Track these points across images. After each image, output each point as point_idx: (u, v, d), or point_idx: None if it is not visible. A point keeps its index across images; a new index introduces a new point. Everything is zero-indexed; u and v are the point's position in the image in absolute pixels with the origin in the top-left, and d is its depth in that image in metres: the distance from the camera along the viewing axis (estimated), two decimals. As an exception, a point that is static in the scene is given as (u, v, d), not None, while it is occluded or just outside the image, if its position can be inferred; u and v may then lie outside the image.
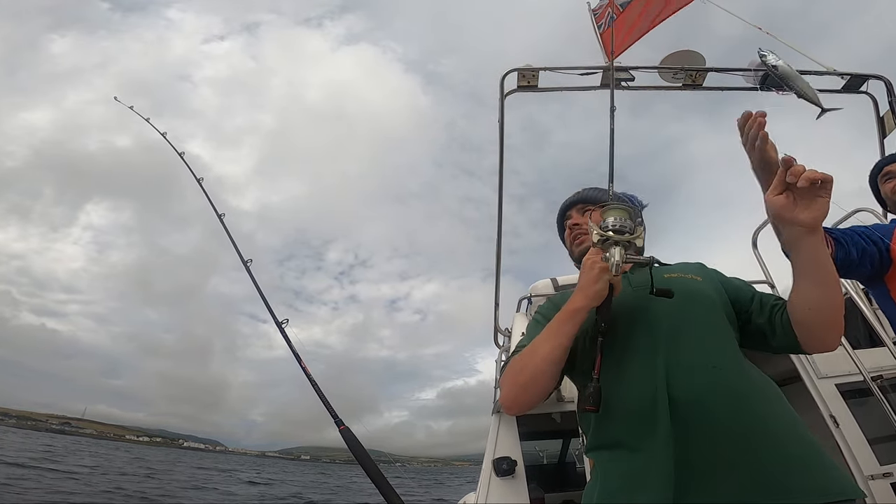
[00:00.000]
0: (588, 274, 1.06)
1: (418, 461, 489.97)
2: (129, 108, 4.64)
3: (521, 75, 3.55)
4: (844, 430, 2.20)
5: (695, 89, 3.73)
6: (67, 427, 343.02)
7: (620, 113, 1.72)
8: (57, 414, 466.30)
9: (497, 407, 3.08)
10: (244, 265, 2.95)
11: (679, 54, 3.77)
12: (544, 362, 1.06)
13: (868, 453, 2.13)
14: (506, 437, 2.93)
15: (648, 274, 1.16)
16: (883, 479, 2.05)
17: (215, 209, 3.38)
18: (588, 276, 1.06)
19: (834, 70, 3.54)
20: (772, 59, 2.68)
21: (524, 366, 1.09)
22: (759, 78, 3.62)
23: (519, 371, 1.11)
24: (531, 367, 1.08)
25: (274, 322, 2.56)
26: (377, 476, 1.82)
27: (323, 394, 2.29)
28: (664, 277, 1.20)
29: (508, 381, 1.14)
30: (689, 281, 1.20)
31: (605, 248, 1.08)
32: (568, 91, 3.71)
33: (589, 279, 1.06)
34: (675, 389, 0.96)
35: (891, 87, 3.43)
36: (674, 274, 1.22)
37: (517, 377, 1.11)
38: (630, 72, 3.67)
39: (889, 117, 3.43)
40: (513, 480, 2.71)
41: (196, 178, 3.70)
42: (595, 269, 1.05)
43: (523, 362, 1.10)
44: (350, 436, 2.06)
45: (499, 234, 3.71)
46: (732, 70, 3.71)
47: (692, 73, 3.67)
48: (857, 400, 2.33)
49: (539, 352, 1.08)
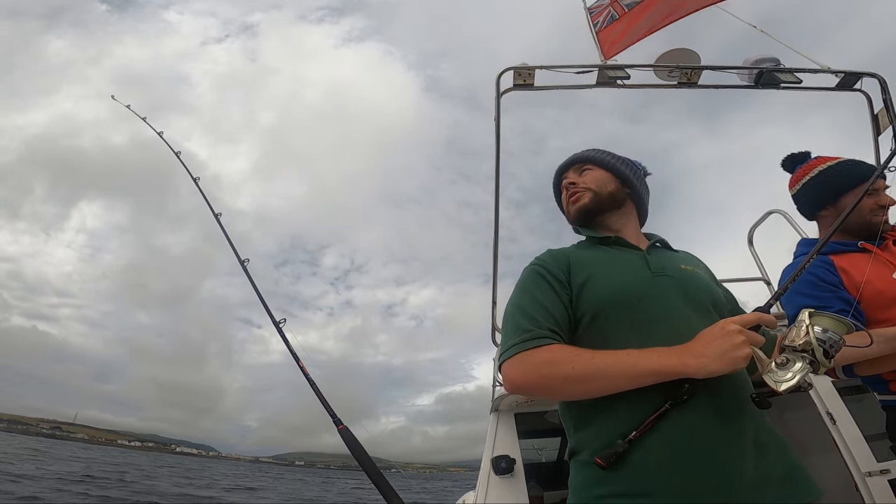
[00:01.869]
0: (726, 341, 0.90)
1: (413, 467, 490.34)
2: (126, 107, 4.60)
3: (516, 74, 3.53)
4: (841, 428, 2.22)
5: (690, 87, 3.73)
6: (58, 431, 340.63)
7: (618, 118, 1.72)
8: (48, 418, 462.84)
9: (496, 405, 3.08)
10: (241, 264, 2.93)
11: (674, 52, 3.77)
12: (588, 390, 0.97)
13: (865, 450, 2.14)
14: (504, 436, 2.93)
15: (665, 258, 1.18)
16: (880, 475, 2.06)
17: (212, 208, 3.35)
18: (724, 344, 0.90)
19: (828, 68, 3.55)
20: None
21: (574, 370, 0.95)
22: (754, 76, 3.64)
23: (565, 364, 0.96)
24: (577, 379, 0.95)
25: (272, 322, 2.54)
26: (377, 476, 1.81)
27: (321, 393, 2.27)
28: (681, 268, 1.18)
29: (540, 364, 0.99)
30: (703, 279, 1.19)
31: (790, 353, 0.89)
32: (568, 91, 3.71)
33: (724, 347, 0.90)
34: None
35: (885, 85, 3.44)
36: (689, 267, 1.20)
37: (559, 369, 0.97)
38: (625, 70, 3.67)
39: (883, 115, 3.44)
40: (512, 479, 2.71)
41: (192, 178, 3.67)
42: (738, 339, 0.90)
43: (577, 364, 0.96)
44: (349, 436, 2.04)
45: (496, 230, 3.71)
46: (728, 68, 3.71)
47: (687, 72, 3.66)
48: (853, 397, 2.34)
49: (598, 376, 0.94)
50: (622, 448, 0.91)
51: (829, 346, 0.87)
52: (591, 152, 1.39)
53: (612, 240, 1.26)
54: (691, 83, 3.70)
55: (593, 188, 1.32)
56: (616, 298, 1.07)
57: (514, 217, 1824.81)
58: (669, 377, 0.92)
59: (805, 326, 0.89)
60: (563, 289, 1.12)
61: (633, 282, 1.10)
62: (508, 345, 1.05)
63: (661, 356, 0.92)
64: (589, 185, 1.33)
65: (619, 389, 0.94)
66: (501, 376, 1.06)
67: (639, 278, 1.12)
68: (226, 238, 3.14)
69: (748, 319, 0.94)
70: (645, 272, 1.13)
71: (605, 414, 0.98)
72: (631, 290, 1.08)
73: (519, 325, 1.06)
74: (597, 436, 0.99)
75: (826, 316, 0.89)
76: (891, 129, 3.33)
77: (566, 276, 1.14)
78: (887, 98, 3.39)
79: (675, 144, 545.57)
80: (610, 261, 1.18)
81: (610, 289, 1.09)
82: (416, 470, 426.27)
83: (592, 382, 0.95)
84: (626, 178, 1.34)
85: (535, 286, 1.14)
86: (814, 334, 0.87)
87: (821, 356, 0.86)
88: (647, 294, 1.08)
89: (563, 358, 0.98)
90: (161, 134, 4.17)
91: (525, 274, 1.19)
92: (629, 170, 1.36)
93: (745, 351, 0.89)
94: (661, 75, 3.76)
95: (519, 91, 3.56)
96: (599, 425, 0.99)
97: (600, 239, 1.27)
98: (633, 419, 0.93)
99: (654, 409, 0.93)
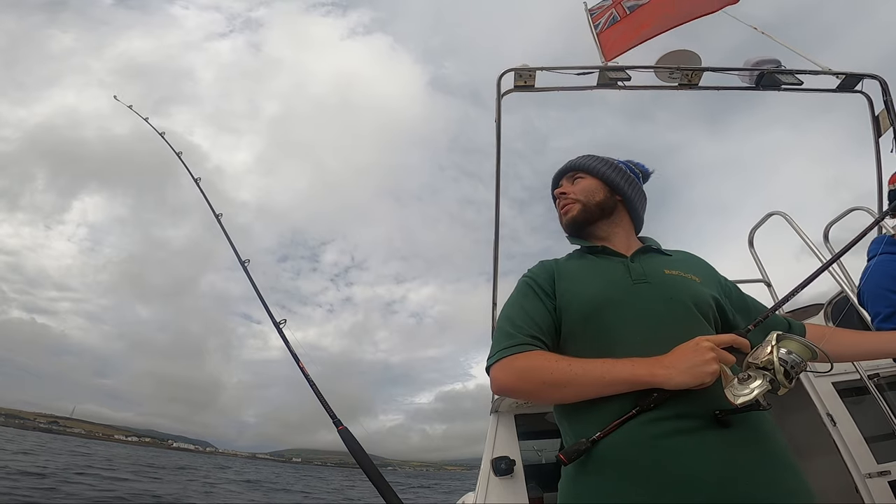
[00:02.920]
0: (696, 356, 0.95)
1: (410, 465, 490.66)
2: (128, 108, 4.63)
3: (517, 75, 3.54)
4: (842, 429, 2.22)
5: (691, 89, 3.73)
6: (55, 426, 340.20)
7: (620, 120, 1.72)
8: (45, 413, 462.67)
9: (496, 407, 3.08)
10: (242, 266, 2.93)
11: (675, 54, 3.77)
12: (564, 395, 1.03)
13: (865, 452, 2.14)
14: (504, 437, 2.93)
15: (650, 264, 1.20)
16: (880, 477, 2.06)
17: (213, 209, 3.35)
18: (694, 358, 0.95)
19: (829, 69, 3.56)
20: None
21: (552, 375, 1.02)
22: (755, 77, 3.64)
23: (543, 370, 1.03)
24: (553, 384, 1.01)
25: (272, 323, 2.54)
26: (376, 477, 1.81)
27: (321, 394, 2.27)
28: (664, 273, 1.20)
29: (521, 370, 1.06)
30: (689, 281, 1.19)
31: (754, 371, 0.93)
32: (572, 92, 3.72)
33: (694, 361, 0.95)
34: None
35: (886, 87, 3.44)
36: (674, 271, 1.21)
37: (537, 374, 1.04)
38: (626, 71, 3.68)
39: (884, 116, 3.44)
40: (511, 480, 2.72)
41: (193, 178, 3.67)
42: (707, 356, 0.95)
43: (555, 371, 1.02)
44: (349, 436, 2.04)
45: (496, 230, 3.71)
46: (729, 69, 3.71)
47: (688, 73, 3.66)
48: (854, 398, 2.34)
49: (573, 382, 1.00)
50: (584, 447, 0.97)
51: (791, 368, 0.91)
52: (583, 160, 1.41)
53: (598, 249, 1.31)
54: (692, 85, 3.70)
55: (581, 199, 1.36)
56: (593, 307, 1.13)
57: (516, 216, 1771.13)
58: (640, 386, 0.97)
59: (771, 346, 0.93)
60: (548, 298, 1.20)
61: (611, 290, 1.15)
62: (495, 350, 1.13)
63: (633, 366, 0.98)
64: (578, 195, 1.37)
65: (592, 396, 1.01)
66: (489, 379, 1.14)
67: (617, 286, 1.16)
68: (227, 239, 3.14)
69: (723, 339, 1.00)
70: (625, 280, 1.18)
71: (579, 416, 1.05)
72: (607, 299, 1.14)
73: (506, 332, 1.15)
74: (569, 436, 1.07)
75: (794, 340, 0.93)
76: (891, 130, 3.34)
77: (551, 286, 1.22)
78: (888, 99, 3.39)
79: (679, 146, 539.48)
80: (591, 270, 1.24)
81: (587, 297, 1.15)
82: (412, 468, 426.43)
83: (568, 388, 1.01)
84: (616, 185, 1.37)
85: (524, 296, 1.23)
86: (777, 354, 0.91)
87: (781, 376, 0.90)
88: (623, 301, 1.12)
89: (542, 364, 1.05)
90: (163, 135, 4.18)
91: (517, 285, 1.29)
92: (621, 177, 1.38)
93: (712, 367, 0.94)
94: (661, 77, 3.77)
95: (520, 93, 3.57)
96: (574, 427, 1.06)
97: (588, 248, 1.33)
98: (602, 422, 0.99)
99: (623, 414, 0.98)
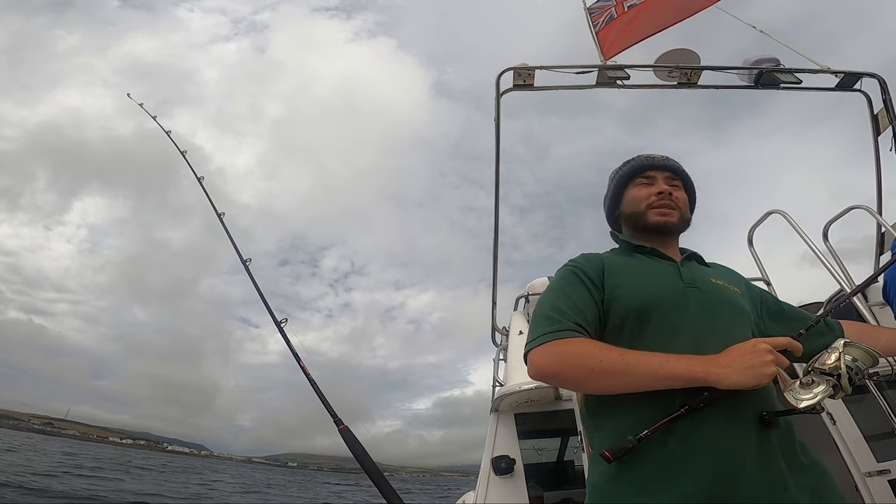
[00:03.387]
0: (755, 357, 0.94)
1: (407, 470, 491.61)
2: (139, 105, 4.66)
3: (516, 74, 3.54)
4: (841, 428, 2.22)
5: (690, 88, 3.74)
6: (49, 427, 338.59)
7: (620, 128, 1.72)
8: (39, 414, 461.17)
9: (496, 406, 3.08)
10: (243, 264, 2.94)
11: (674, 53, 3.78)
12: (611, 384, 0.99)
13: (865, 450, 2.14)
14: (504, 436, 2.93)
15: (697, 271, 1.22)
16: (880, 476, 2.06)
17: (215, 208, 3.37)
18: (753, 360, 0.94)
19: (828, 68, 3.56)
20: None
21: (602, 363, 0.98)
22: (754, 76, 3.64)
23: (593, 357, 0.99)
24: (602, 372, 0.98)
25: (273, 321, 2.55)
26: (377, 477, 1.82)
27: (322, 393, 2.28)
28: (711, 282, 1.21)
29: (568, 355, 1.02)
30: (732, 292, 1.21)
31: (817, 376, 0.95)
32: (573, 97, 3.73)
33: (752, 362, 0.93)
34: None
35: (885, 85, 3.45)
36: (720, 281, 1.22)
37: (585, 361, 1.00)
38: (625, 70, 3.68)
39: (883, 115, 3.45)
40: (511, 479, 2.72)
41: (197, 177, 3.69)
42: (766, 358, 0.94)
43: (605, 359, 0.99)
44: (349, 436, 2.05)
45: (496, 228, 3.72)
46: (727, 68, 3.72)
47: (687, 72, 3.67)
48: (853, 397, 2.34)
49: (624, 372, 0.97)
50: (631, 444, 0.93)
51: (855, 374, 0.93)
52: (684, 170, 1.37)
53: (648, 249, 1.28)
54: (691, 83, 3.71)
55: (681, 210, 1.32)
56: (646, 304, 1.11)
57: (516, 223, 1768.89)
58: (693, 383, 0.94)
59: (838, 353, 0.95)
60: (595, 289, 1.16)
61: (665, 290, 1.14)
62: (537, 334, 1.08)
63: (689, 362, 0.96)
64: (680, 206, 1.32)
65: (642, 388, 0.97)
66: (527, 364, 1.09)
67: (670, 288, 1.15)
68: (229, 238, 3.15)
69: (779, 342, 0.98)
70: (677, 282, 1.17)
71: (622, 411, 1.01)
72: (661, 298, 1.12)
73: (549, 316, 1.10)
74: (611, 432, 1.02)
75: (859, 348, 0.95)
76: (891, 129, 3.34)
77: (600, 278, 1.18)
78: (887, 98, 3.40)
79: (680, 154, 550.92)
80: (644, 268, 1.22)
81: (642, 294, 1.12)
82: (409, 473, 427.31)
83: (618, 377, 0.97)
84: (692, 208, 1.37)
85: (568, 284, 1.17)
86: (845, 361, 0.93)
87: (845, 382, 0.92)
88: (677, 302, 1.11)
89: (592, 351, 1.01)
90: (169, 133, 4.21)
91: (558, 274, 1.23)
92: (694, 202, 1.38)
93: (770, 369, 0.93)
94: (660, 75, 3.77)
95: (519, 91, 3.58)
96: (616, 422, 1.02)
97: (636, 247, 1.30)
98: (648, 419, 0.96)
99: (671, 412, 0.95)
